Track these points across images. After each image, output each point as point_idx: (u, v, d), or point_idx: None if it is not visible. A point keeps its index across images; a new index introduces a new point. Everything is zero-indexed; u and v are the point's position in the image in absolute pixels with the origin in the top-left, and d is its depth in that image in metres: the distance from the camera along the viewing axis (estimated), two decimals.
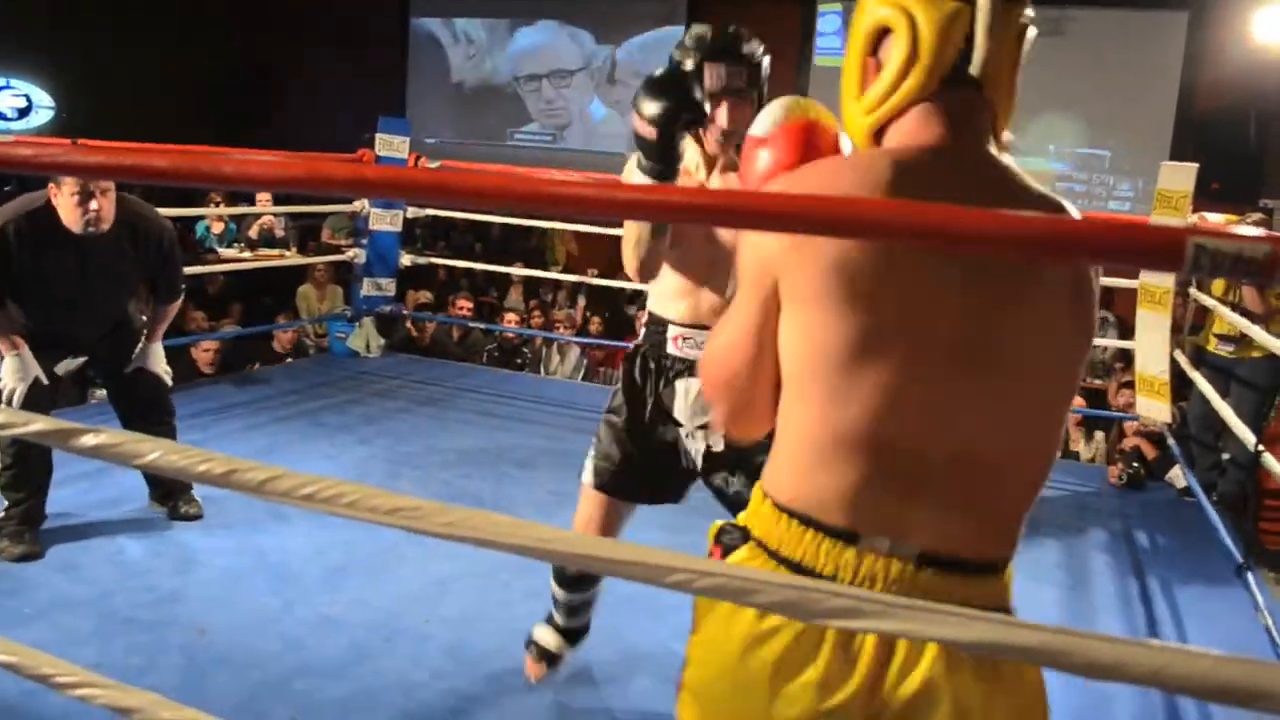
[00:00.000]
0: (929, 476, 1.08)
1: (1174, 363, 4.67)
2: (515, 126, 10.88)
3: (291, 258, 7.71)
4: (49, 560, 3.08)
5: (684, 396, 2.23)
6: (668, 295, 2.27)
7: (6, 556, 3.06)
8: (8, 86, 10.25)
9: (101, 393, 5.01)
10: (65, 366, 3.36)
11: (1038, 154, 8.60)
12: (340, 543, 3.30)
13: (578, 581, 2.47)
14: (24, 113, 10.38)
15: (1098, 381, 7.01)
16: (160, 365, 3.49)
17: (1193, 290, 4.99)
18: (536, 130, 10.81)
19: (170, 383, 3.54)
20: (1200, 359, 4.99)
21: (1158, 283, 4.63)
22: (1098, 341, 6.79)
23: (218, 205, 7.90)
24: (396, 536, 3.25)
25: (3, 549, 3.08)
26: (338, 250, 7.06)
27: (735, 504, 2.24)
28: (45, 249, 3.12)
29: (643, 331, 2.34)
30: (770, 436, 1.22)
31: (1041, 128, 8.55)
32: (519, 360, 7.01)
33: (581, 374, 7.23)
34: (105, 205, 3.11)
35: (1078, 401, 6.35)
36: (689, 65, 2.06)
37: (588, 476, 2.35)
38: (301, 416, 4.87)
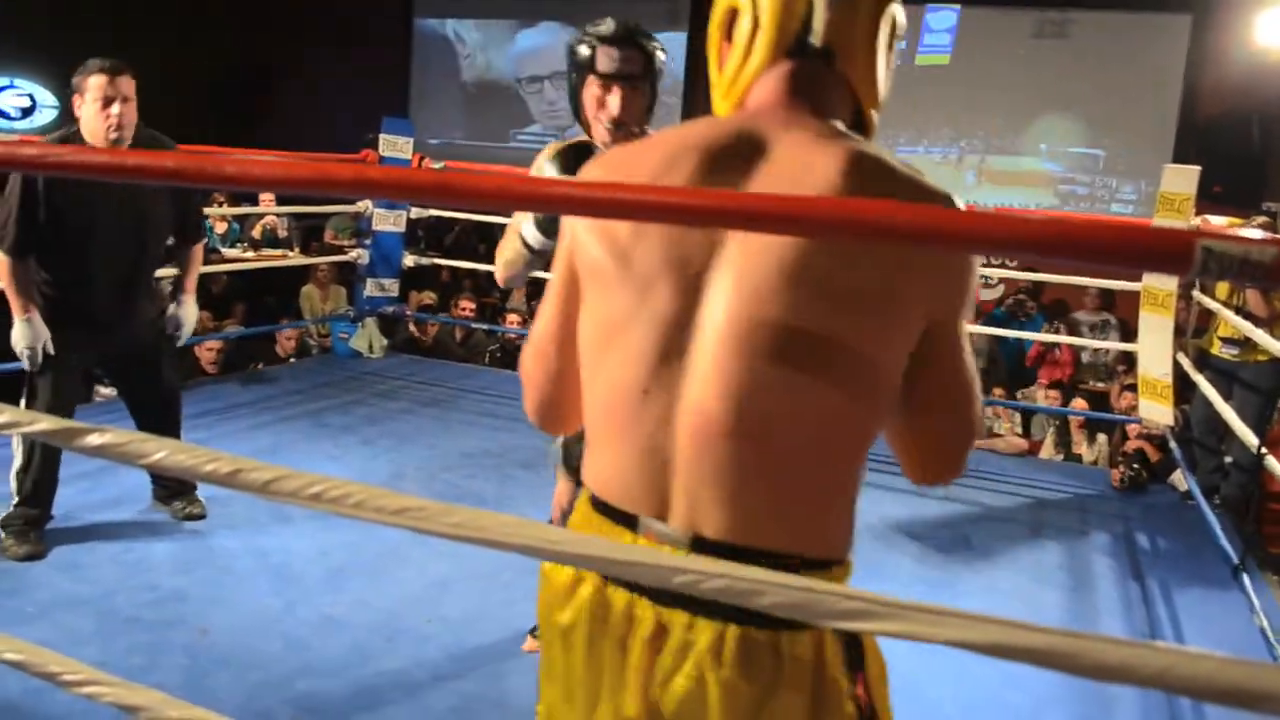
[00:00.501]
0: (689, 457, 1.04)
1: (1177, 365, 4.66)
2: (518, 127, 10.88)
3: (295, 258, 7.71)
4: (51, 559, 3.08)
5: None
6: None
7: (11, 555, 3.06)
8: (11, 86, 10.26)
9: (108, 390, 5.02)
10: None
11: (1039, 155, 8.60)
12: (342, 543, 3.30)
13: None
14: (28, 112, 10.38)
15: (1100, 384, 7.00)
16: (191, 320, 3.43)
17: (1196, 293, 4.99)
18: (539, 131, 10.81)
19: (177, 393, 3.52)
20: (1204, 362, 4.99)
21: (1161, 285, 4.62)
22: (1100, 344, 6.80)
23: (221, 205, 7.90)
24: (398, 537, 3.25)
25: (8, 548, 3.08)
26: (341, 251, 7.06)
27: None
28: (70, 184, 3.06)
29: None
30: None
31: (1043, 129, 8.55)
32: None
33: None
34: (127, 113, 3.08)
35: (1079, 404, 6.35)
36: (584, 51, 2.08)
37: (557, 462, 2.53)
38: (305, 417, 4.87)
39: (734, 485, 1.03)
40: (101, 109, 3.06)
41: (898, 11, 1.14)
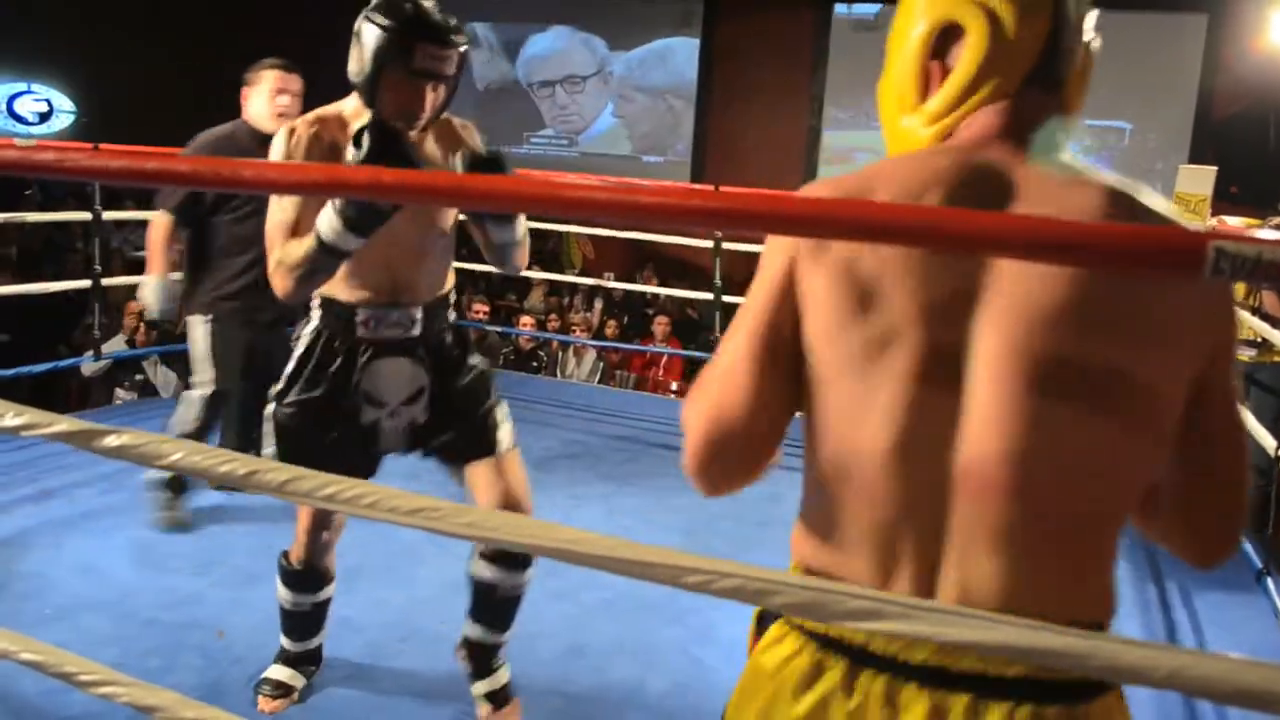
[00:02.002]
0: (965, 522, 0.92)
1: None
2: (531, 130, 10.91)
3: None
4: (68, 561, 3.10)
5: (391, 376, 2.19)
6: (344, 280, 2.13)
7: (163, 525, 3.25)
8: (29, 91, 10.34)
9: (129, 395, 5.06)
10: (91, 367, 3.41)
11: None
12: (357, 544, 3.30)
13: (304, 578, 2.44)
14: (45, 117, 10.46)
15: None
16: None
17: None
18: (551, 135, 10.83)
19: None
20: None
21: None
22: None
23: None
24: (413, 538, 3.26)
25: (159, 517, 3.26)
26: None
27: (452, 457, 2.31)
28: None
29: (315, 315, 2.22)
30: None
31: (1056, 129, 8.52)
32: (535, 363, 7.02)
33: (598, 377, 7.24)
34: (293, 105, 3.44)
35: None
36: (384, 38, 1.92)
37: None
38: None
39: (1013, 553, 0.92)
40: (272, 98, 3.43)
41: (1099, 39, 1.05)
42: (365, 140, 1.79)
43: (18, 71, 10.19)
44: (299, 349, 2.24)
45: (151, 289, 3.33)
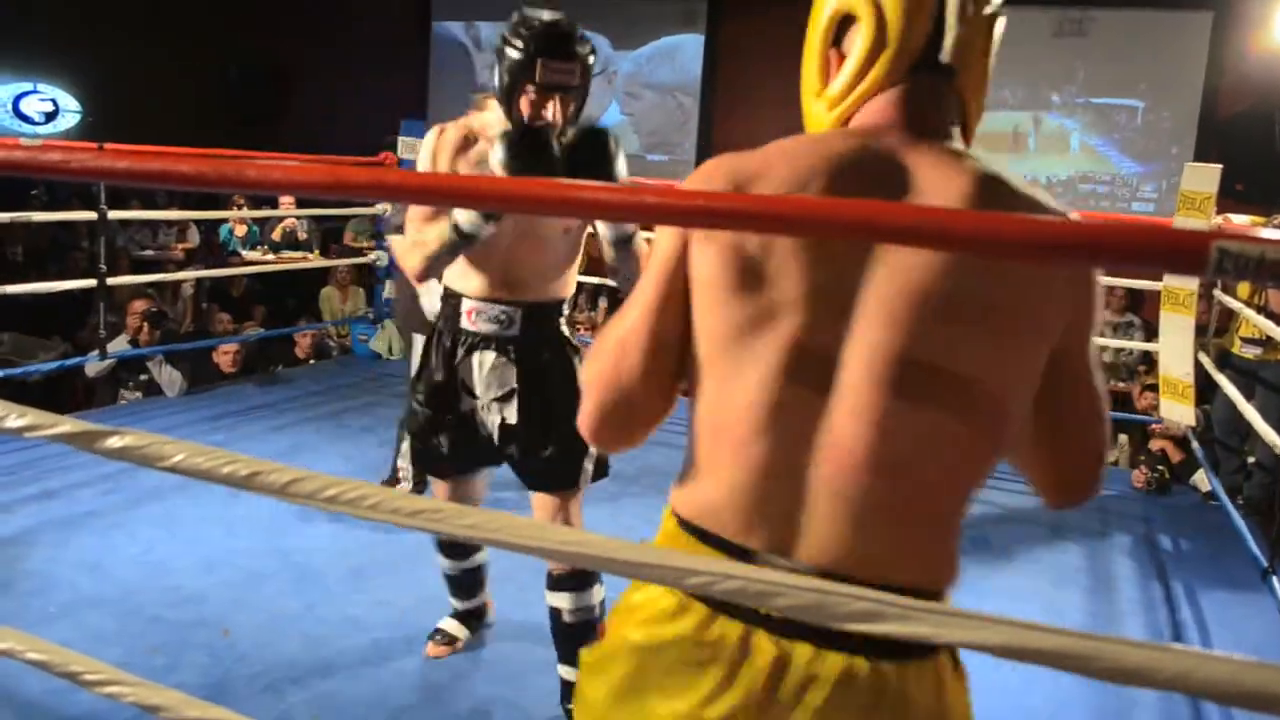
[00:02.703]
0: (826, 479, 0.99)
1: (1198, 365, 4.63)
2: None
3: (314, 260, 7.76)
4: (73, 560, 3.11)
5: (479, 370, 2.28)
6: (461, 269, 2.27)
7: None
8: (35, 91, 10.36)
9: (133, 395, 5.06)
10: (95, 367, 3.40)
11: (1058, 153, 8.55)
12: (362, 543, 3.31)
13: (455, 548, 2.65)
14: (51, 117, 10.48)
15: (1122, 384, 6.95)
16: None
17: (1217, 292, 4.95)
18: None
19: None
20: (1225, 361, 4.95)
21: (1181, 285, 4.59)
22: (1123, 344, 6.76)
23: (241, 208, 7.95)
24: (418, 538, 3.26)
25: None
26: (360, 253, 7.09)
27: (530, 479, 2.36)
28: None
29: (438, 306, 2.39)
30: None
31: (1064, 127, 8.50)
32: None
33: None
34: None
35: None
36: (518, 55, 2.06)
37: (417, 460, 2.49)
38: (324, 418, 4.90)
39: (867, 520, 0.99)
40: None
41: (1003, 21, 1.11)
42: (506, 140, 1.96)
43: (24, 71, 10.20)
44: (426, 340, 2.41)
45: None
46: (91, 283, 4.68)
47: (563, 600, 2.36)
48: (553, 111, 2.08)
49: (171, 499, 3.57)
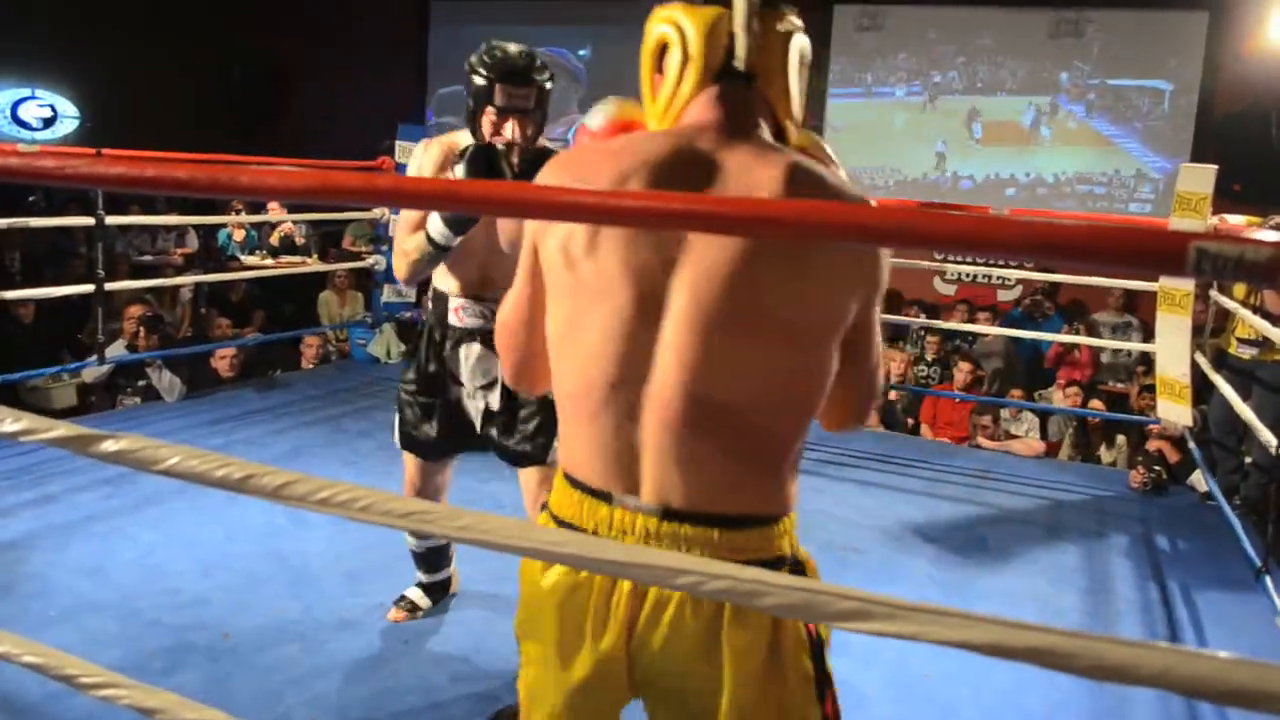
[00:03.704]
0: (654, 431, 1.18)
1: (1195, 366, 4.64)
2: None
3: (313, 264, 7.77)
4: (74, 564, 3.12)
5: (465, 361, 2.57)
6: (447, 270, 2.55)
7: None
8: (33, 97, 10.37)
9: (132, 400, 5.07)
10: (93, 373, 3.40)
11: (1056, 153, 8.56)
12: (360, 546, 3.32)
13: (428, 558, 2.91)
14: (49, 122, 10.49)
15: (1119, 385, 6.96)
16: None
17: (1214, 293, 4.96)
18: (552, 137, 10.85)
19: None
20: (1221, 361, 4.96)
21: (1178, 285, 4.60)
22: (1120, 345, 6.77)
23: (239, 213, 7.97)
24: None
25: None
26: (359, 257, 7.10)
27: (510, 458, 2.61)
28: None
29: (429, 305, 2.65)
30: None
31: (1059, 128, 8.51)
32: None
33: None
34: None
35: (1097, 405, 6.31)
36: (480, 82, 2.35)
37: (396, 439, 2.73)
38: (323, 422, 4.91)
39: (696, 461, 1.18)
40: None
41: (805, 41, 1.31)
42: (473, 162, 2.25)
43: (22, 77, 10.21)
44: (416, 337, 2.70)
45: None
46: (90, 288, 4.69)
47: None
48: (511, 131, 2.35)
49: (170, 503, 3.58)
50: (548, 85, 2.42)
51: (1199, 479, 4.65)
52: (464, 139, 2.48)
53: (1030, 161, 8.58)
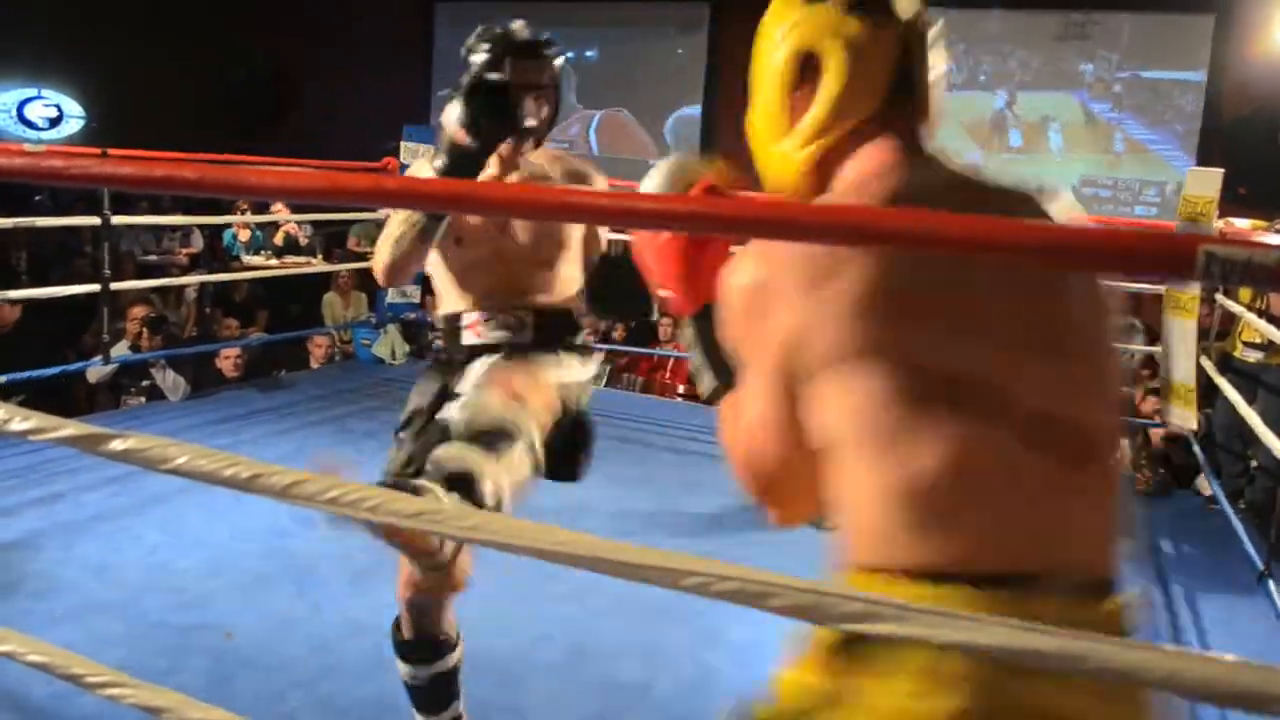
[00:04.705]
0: (1082, 501, 1.01)
1: (1200, 369, 4.63)
2: None
3: (317, 265, 7.78)
4: (79, 563, 3.12)
5: (474, 370, 2.08)
6: (456, 291, 2.19)
7: None
8: (39, 97, 10.40)
9: (136, 400, 5.08)
10: (97, 373, 3.41)
11: (1061, 157, 8.56)
12: (366, 546, 3.31)
13: (415, 649, 2.20)
14: (55, 122, 10.52)
15: (1124, 388, 6.94)
16: None
17: (1219, 296, 4.95)
18: (560, 139, 10.86)
19: None
20: (1227, 365, 4.95)
21: (1183, 289, 4.59)
22: (1125, 348, 6.76)
23: (244, 213, 7.98)
24: None
25: None
26: (364, 257, 7.10)
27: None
28: None
29: (435, 346, 2.27)
30: None
31: (1065, 132, 8.51)
32: None
33: (605, 380, 7.24)
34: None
35: None
36: (482, 58, 2.04)
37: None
38: (328, 423, 4.91)
39: (1095, 516, 1.04)
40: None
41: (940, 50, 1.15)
42: (464, 94, 1.95)
43: (28, 77, 10.25)
44: (420, 377, 2.27)
45: None
46: (95, 288, 4.69)
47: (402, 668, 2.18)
48: (527, 112, 2.05)
49: (176, 502, 3.58)
50: (558, 62, 2.13)
51: (1203, 483, 4.64)
52: None
53: (1037, 164, 8.58)
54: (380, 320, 6.34)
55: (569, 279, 2.22)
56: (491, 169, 2.10)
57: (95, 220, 4.73)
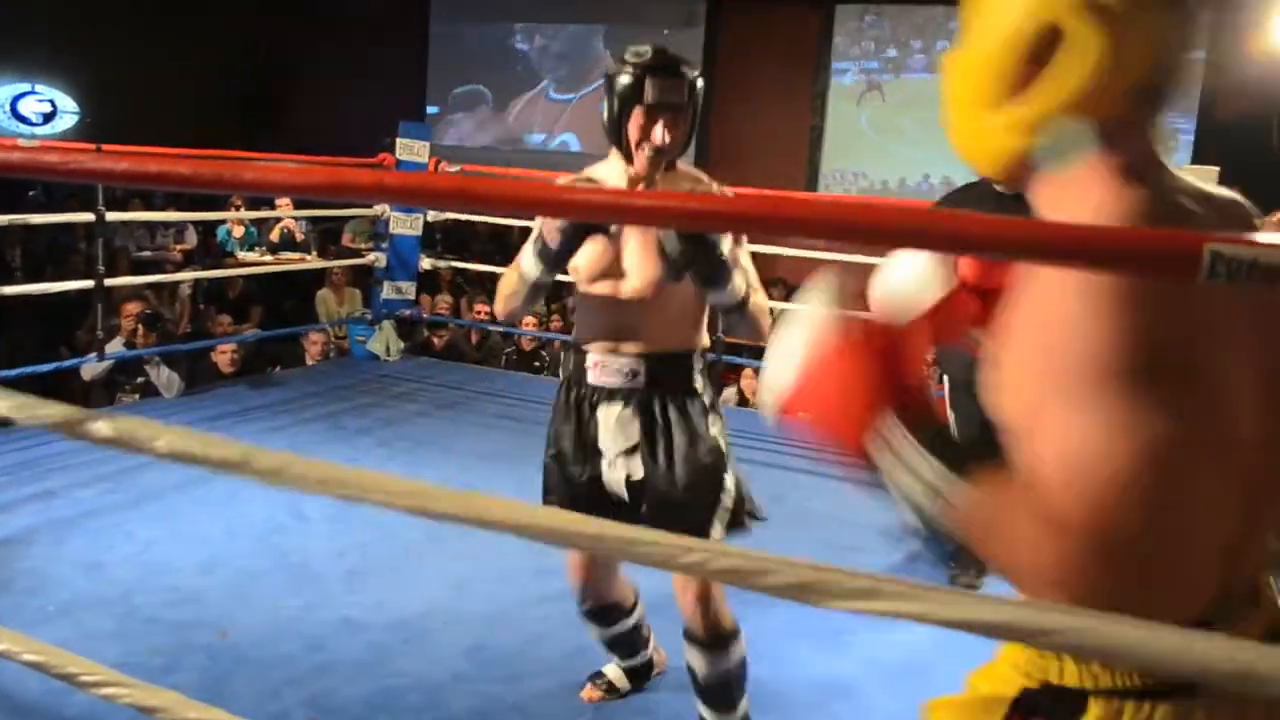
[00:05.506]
0: (1248, 551, 0.95)
1: None
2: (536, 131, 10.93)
3: (312, 261, 7.76)
4: (72, 560, 3.11)
5: (605, 424, 2.20)
6: (584, 320, 2.26)
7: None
8: (33, 92, 10.36)
9: (130, 398, 5.06)
10: (92, 370, 3.39)
11: None
12: (360, 544, 3.32)
13: (597, 616, 2.46)
14: (49, 118, 10.48)
15: None
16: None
17: None
18: (549, 135, 10.84)
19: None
20: None
21: None
22: None
23: (238, 209, 7.96)
24: (415, 538, 3.27)
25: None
26: (358, 254, 7.09)
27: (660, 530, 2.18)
28: None
29: (564, 360, 2.33)
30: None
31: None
32: (537, 363, 7.02)
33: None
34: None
35: None
36: (626, 80, 2.06)
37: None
38: (322, 419, 4.90)
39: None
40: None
41: None
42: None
43: (22, 72, 10.21)
44: (557, 395, 2.33)
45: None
46: (90, 284, 4.68)
47: (695, 660, 2.27)
48: (660, 134, 2.05)
49: (170, 499, 3.57)
50: (699, 84, 2.13)
51: None
52: (601, 172, 2.20)
53: None
54: (376, 316, 6.33)
55: (687, 327, 2.24)
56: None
57: (90, 216, 4.71)
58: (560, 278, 2.18)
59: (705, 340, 2.29)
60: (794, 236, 1.02)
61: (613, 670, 2.60)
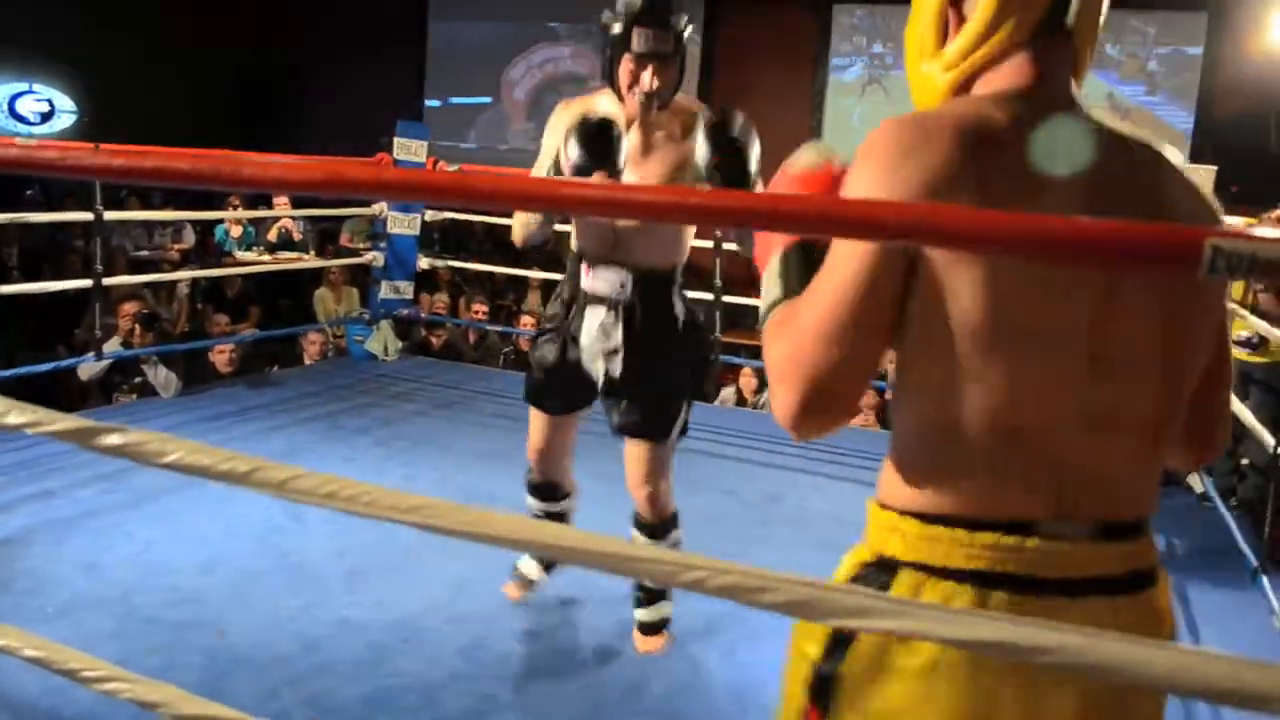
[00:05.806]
0: (1079, 450, 1.01)
1: None
2: (536, 130, 10.92)
3: (309, 260, 7.76)
4: (72, 560, 3.11)
5: (589, 325, 2.51)
6: (583, 233, 2.54)
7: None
8: (31, 91, 10.35)
9: (128, 397, 5.06)
10: (89, 370, 3.39)
11: None
12: (359, 544, 3.31)
13: (540, 489, 2.89)
14: (47, 117, 10.47)
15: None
16: None
17: None
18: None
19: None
20: None
21: None
22: None
23: (236, 208, 7.95)
24: (415, 538, 3.24)
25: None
26: (356, 253, 7.09)
27: (625, 428, 2.59)
28: None
29: (569, 264, 2.63)
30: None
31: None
32: None
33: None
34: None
35: None
36: (617, 29, 2.26)
37: (524, 393, 2.78)
38: (320, 419, 4.90)
39: (1125, 470, 1.04)
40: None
41: None
42: (583, 140, 2.18)
43: (19, 71, 10.19)
44: (558, 287, 2.68)
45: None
46: (87, 283, 4.67)
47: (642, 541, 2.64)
48: (648, 80, 2.26)
49: (169, 499, 3.57)
50: (686, 32, 2.33)
51: (1195, 479, 4.65)
52: (602, 101, 2.42)
53: None
54: (374, 316, 6.32)
55: (674, 246, 2.55)
56: (634, 138, 2.39)
57: (87, 215, 4.70)
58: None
59: (685, 257, 2.58)
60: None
61: (526, 565, 2.92)
